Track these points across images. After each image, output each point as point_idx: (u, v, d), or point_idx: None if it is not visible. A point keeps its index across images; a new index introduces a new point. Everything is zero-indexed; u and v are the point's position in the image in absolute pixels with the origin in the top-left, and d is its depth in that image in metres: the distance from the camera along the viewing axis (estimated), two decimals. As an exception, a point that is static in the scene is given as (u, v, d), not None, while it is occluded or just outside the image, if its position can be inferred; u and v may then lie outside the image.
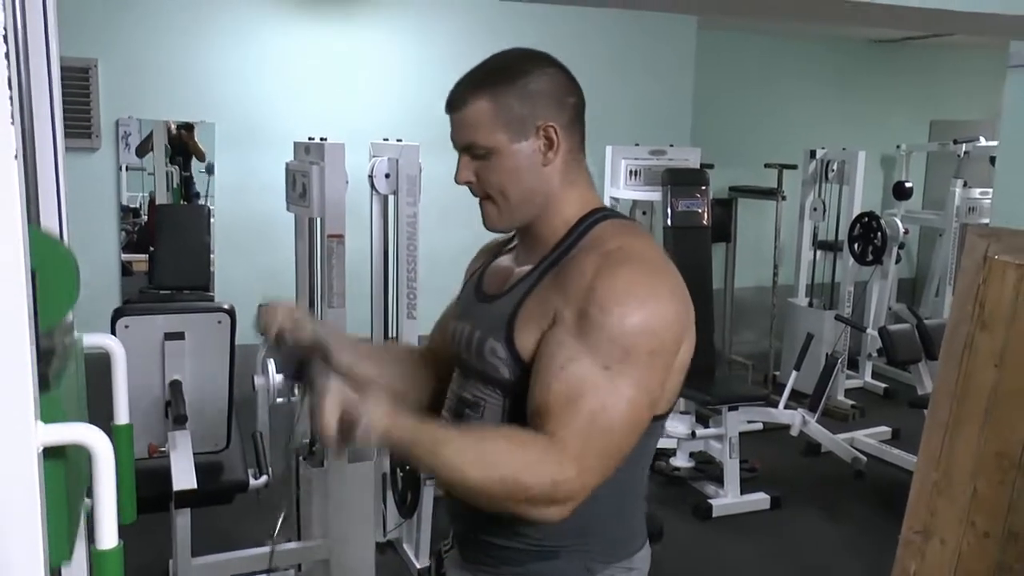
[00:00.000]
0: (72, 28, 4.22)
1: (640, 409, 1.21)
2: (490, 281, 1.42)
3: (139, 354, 2.49)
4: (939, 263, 6.18)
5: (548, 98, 1.30)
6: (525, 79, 1.29)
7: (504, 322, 1.29)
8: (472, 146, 1.30)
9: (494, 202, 1.32)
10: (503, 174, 1.30)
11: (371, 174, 3.38)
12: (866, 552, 3.75)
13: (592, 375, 1.18)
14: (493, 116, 1.28)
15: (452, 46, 4.93)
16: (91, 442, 0.97)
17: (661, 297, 1.22)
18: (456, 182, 1.35)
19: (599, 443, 1.17)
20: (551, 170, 1.31)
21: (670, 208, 4.39)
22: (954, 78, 7.33)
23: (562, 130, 1.30)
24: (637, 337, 1.19)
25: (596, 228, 1.32)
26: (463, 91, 1.31)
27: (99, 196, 4.39)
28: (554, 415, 1.17)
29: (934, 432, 2.73)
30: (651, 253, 1.29)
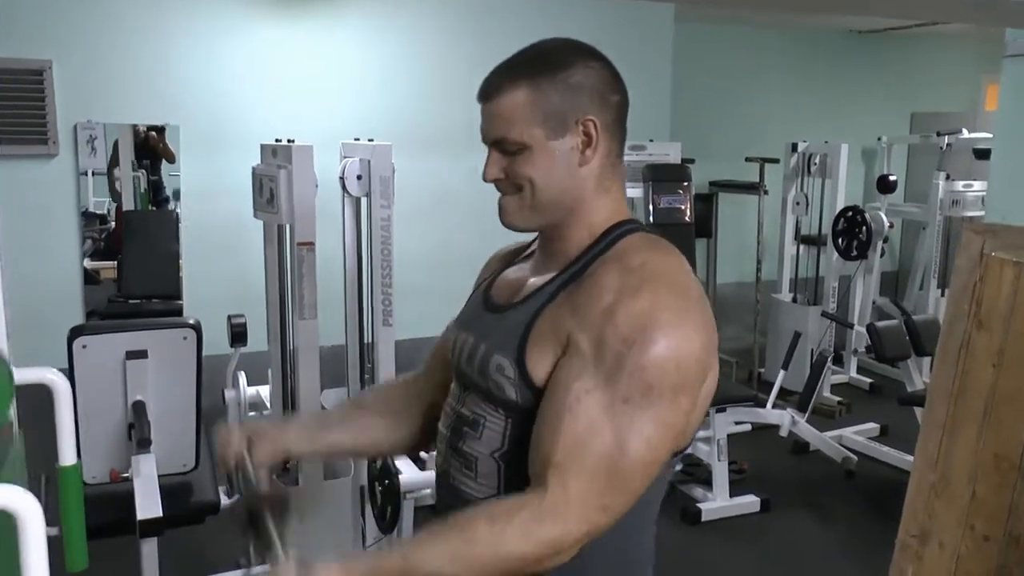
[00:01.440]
0: (24, 28, 4.07)
1: (660, 448, 1.10)
2: (500, 290, 1.29)
3: (99, 375, 2.35)
4: (923, 256, 6.12)
5: (591, 93, 1.18)
6: (568, 71, 1.17)
7: (516, 338, 1.17)
8: (504, 141, 1.18)
9: (520, 196, 1.19)
10: (536, 170, 1.17)
11: (342, 176, 3.24)
12: (858, 554, 3.66)
13: (609, 411, 1.07)
14: (531, 109, 1.15)
15: (422, 43, 4.82)
16: (17, 507, 0.84)
17: (687, 324, 1.10)
18: (484, 179, 1.21)
19: (610, 486, 1.07)
20: (587, 171, 1.19)
21: (652, 205, 4.29)
22: (935, 70, 7.31)
23: (603, 128, 1.18)
24: (661, 370, 1.07)
25: (622, 241, 1.20)
26: (499, 79, 1.18)
27: (58, 204, 4.23)
28: (558, 461, 1.07)
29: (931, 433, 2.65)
30: (677, 272, 1.16)
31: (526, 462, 1.13)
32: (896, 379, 5.21)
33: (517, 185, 1.19)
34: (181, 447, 2.57)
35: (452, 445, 1.26)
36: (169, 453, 2.51)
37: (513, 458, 1.17)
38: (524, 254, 1.35)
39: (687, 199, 4.34)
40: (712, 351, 1.14)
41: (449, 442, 1.27)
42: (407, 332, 3.40)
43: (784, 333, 5.50)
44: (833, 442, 4.59)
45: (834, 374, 5.69)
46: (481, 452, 1.21)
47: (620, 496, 1.09)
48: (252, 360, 3.55)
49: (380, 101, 4.70)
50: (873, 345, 4.42)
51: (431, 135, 4.70)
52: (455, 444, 1.25)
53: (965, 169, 5.94)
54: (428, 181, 4.68)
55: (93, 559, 1.99)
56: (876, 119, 7.01)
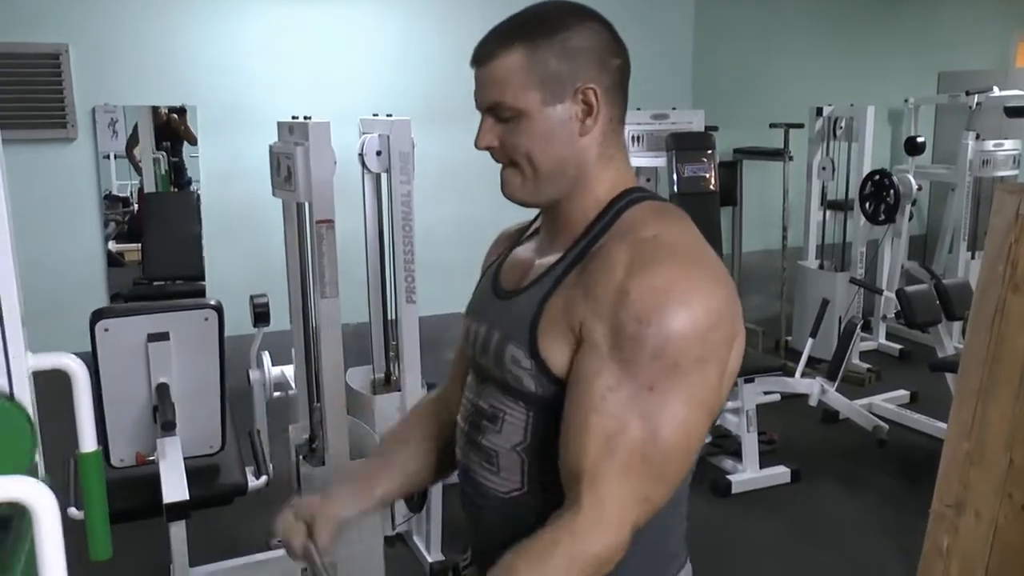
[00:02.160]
0: (40, 12, 4.05)
1: (697, 427, 1.04)
2: (508, 274, 1.24)
3: (122, 358, 2.35)
4: (952, 219, 6.01)
5: (590, 57, 1.11)
6: (566, 33, 1.10)
7: (526, 325, 1.11)
8: (498, 106, 1.11)
9: (520, 170, 1.14)
10: (532, 139, 1.11)
11: (361, 152, 3.21)
12: (892, 525, 3.62)
13: (635, 402, 1.01)
14: (526, 73, 1.09)
15: (439, 16, 4.76)
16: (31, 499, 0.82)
17: (704, 292, 1.04)
18: (476, 146, 1.15)
19: (647, 478, 1.02)
20: (588, 140, 1.13)
21: (676, 174, 4.22)
22: (962, 28, 7.15)
23: (603, 94, 1.11)
24: (683, 345, 1.01)
25: (629, 211, 1.13)
26: (493, 43, 1.12)
27: (79, 187, 4.23)
28: (589, 469, 1.02)
29: (965, 400, 2.59)
30: (690, 242, 1.10)
31: (549, 455, 1.09)
32: (926, 345, 5.14)
33: (513, 159, 1.14)
34: (206, 429, 2.56)
35: (471, 439, 1.21)
36: (195, 435, 2.51)
37: (536, 452, 1.13)
38: (529, 232, 1.30)
39: (711, 167, 4.27)
40: (735, 319, 1.08)
41: (468, 436, 1.22)
42: (430, 308, 3.38)
43: (811, 300, 5.42)
44: (863, 410, 4.53)
45: (863, 341, 5.62)
46: (502, 446, 1.16)
47: (660, 485, 1.04)
48: (276, 339, 3.53)
49: (398, 76, 4.66)
50: (903, 311, 4.34)
51: (450, 108, 4.64)
52: (474, 438, 1.21)
53: (995, 128, 5.81)
54: (448, 155, 4.64)
55: (122, 542, 1.99)
56: (902, 80, 6.87)
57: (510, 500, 1.17)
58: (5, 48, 3.87)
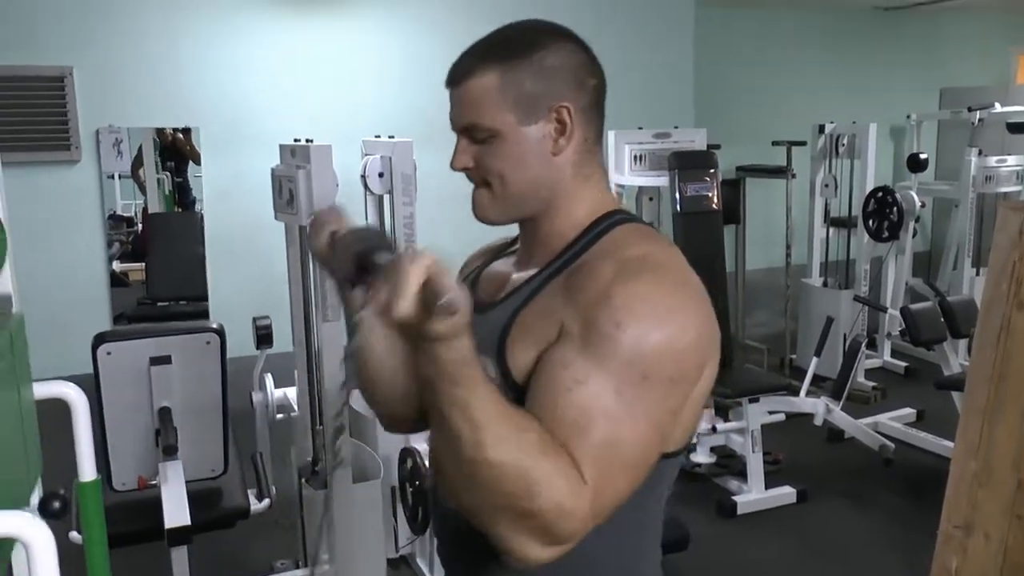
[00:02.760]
0: (44, 35, 4.07)
1: (650, 446, 1.01)
2: (484, 287, 1.23)
3: (124, 382, 2.35)
4: (955, 235, 5.99)
5: (565, 77, 1.11)
6: (541, 52, 1.10)
7: (496, 336, 1.09)
8: (473, 127, 1.11)
9: (491, 189, 1.13)
10: (506, 160, 1.11)
11: (364, 174, 3.21)
12: (899, 545, 3.59)
13: (603, 402, 0.97)
14: (500, 93, 1.09)
15: (441, 38, 4.77)
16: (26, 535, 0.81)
17: (686, 313, 1.03)
18: (452, 168, 1.15)
19: (611, 480, 0.98)
20: (562, 160, 1.12)
21: (678, 193, 4.21)
22: (962, 44, 7.16)
23: (577, 114, 1.11)
24: (657, 360, 0.99)
25: (612, 232, 1.12)
26: (467, 63, 1.12)
27: (82, 208, 4.24)
28: (563, 440, 0.96)
29: (971, 419, 2.57)
30: (676, 262, 1.08)
31: None
32: (931, 362, 5.11)
33: (486, 178, 1.13)
34: (209, 452, 2.56)
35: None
36: (197, 459, 2.50)
37: None
38: (510, 249, 1.28)
39: (714, 186, 4.26)
40: (712, 344, 1.06)
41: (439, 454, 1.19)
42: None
43: (815, 318, 5.40)
44: (869, 429, 4.51)
45: (868, 358, 5.60)
46: None
47: (610, 499, 0.99)
48: (279, 361, 3.52)
49: (400, 98, 4.67)
50: (908, 328, 4.33)
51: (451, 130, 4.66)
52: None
53: (998, 144, 5.81)
54: (450, 176, 4.60)
55: (124, 566, 1.99)
56: (904, 96, 6.87)
57: None
58: (10, 71, 3.89)
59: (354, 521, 2.75)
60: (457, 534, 1.17)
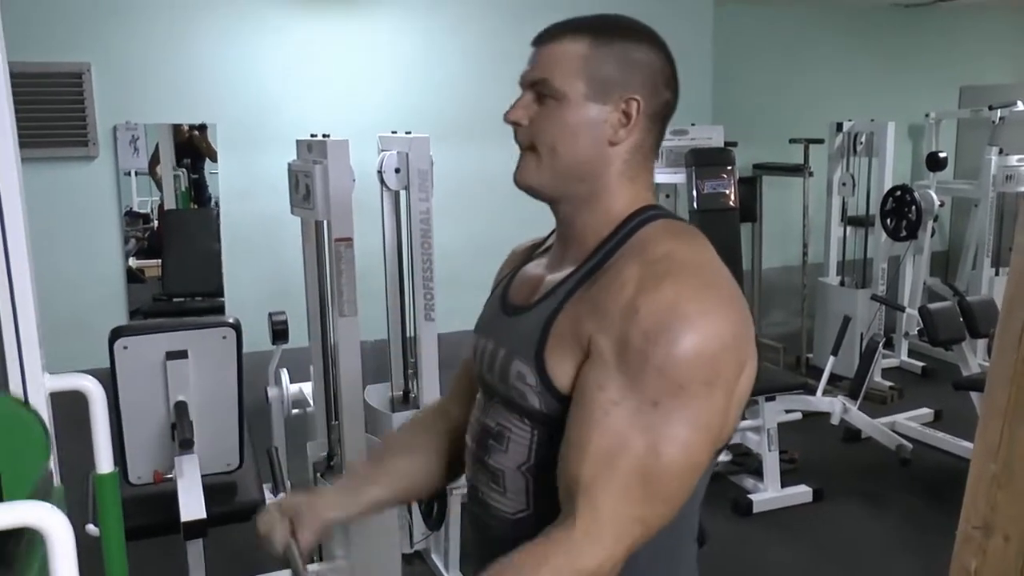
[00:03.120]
0: (63, 32, 4.09)
1: (698, 451, 1.01)
2: (518, 290, 1.22)
3: (140, 376, 2.34)
4: (975, 235, 5.94)
5: (646, 76, 1.11)
6: (634, 44, 1.11)
7: (533, 342, 1.09)
8: (543, 83, 1.10)
9: (538, 155, 1.12)
10: (562, 129, 1.10)
11: (380, 169, 3.21)
12: (916, 545, 3.57)
13: (637, 418, 0.98)
14: (582, 62, 1.09)
15: (457, 33, 4.76)
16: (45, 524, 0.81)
17: (716, 314, 1.01)
18: (505, 119, 1.14)
19: (645, 497, 0.99)
20: (614, 152, 1.11)
21: (695, 190, 4.20)
22: (983, 42, 7.09)
23: (643, 114, 1.11)
24: (691, 366, 0.98)
25: (643, 230, 1.11)
26: (563, 27, 1.13)
27: (99, 204, 4.26)
28: (587, 483, 0.99)
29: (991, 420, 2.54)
30: (704, 261, 1.07)
31: (553, 475, 1.06)
32: (949, 362, 5.07)
33: (537, 141, 1.12)
34: (224, 446, 2.56)
35: (478, 458, 1.20)
36: (213, 453, 2.50)
37: (541, 472, 1.10)
38: (541, 249, 1.28)
39: (731, 183, 4.24)
40: (747, 342, 1.05)
41: (475, 455, 1.21)
42: (449, 326, 3.37)
43: (832, 317, 5.38)
44: (886, 429, 4.48)
45: (885, 358, 5.55)
46: (507, 466, 1.15)
47: (657, 506, 1.01)
48: (294, 356, 3.53)
49: (417, 93, 4.66)
50: (926, 328, 4.29)
51: (468, 125, 4.65)
52: (481, 457, 1.19)
53: (1019, 143, 5.74)
54: (466, 172, 4.63)
55: (139, 559, 1.99)
56: (923, 95, 6.81)
57: (516, 521, 1.15)
58: (29, 67, 3.90)
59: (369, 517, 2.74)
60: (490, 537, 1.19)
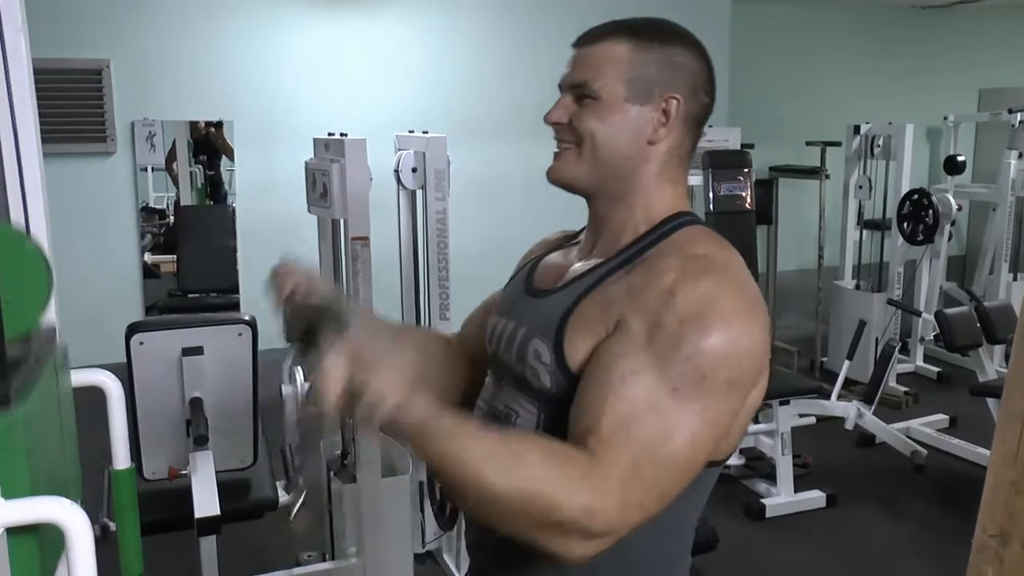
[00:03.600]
0: (82, 29, 4.11)
1: (702, 447, 1.00)
2: (543, 275, 1.23)
3: (156, 371, 2.36)
4: (993, 239, 5.90)
5: (687, 78, 1.13)
6: (676, 48, 1.13)
7: (555, 321, 1.09)
8: (584, 85, 1.11)
9: (579, 149, 1.12)
10: (604, 124, 1.11)
11: (397, 168, 3.21)
12: (930, 552, 3.54)
13: (657, 395, 0.98)
14: (624, 65, 1.10)
15: (475, 33, 4.76)
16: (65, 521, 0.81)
17: (748, 317, 1.02)
18: (546, 120, 1.15)
19: (651, 476, 0.97)
20: (653, 152, 1.13)
21: (711, 192, 4.18)
22: (1003, 44, 7.04)
23: (683, 114, 1.12)
24: (718, 360, 0.98)
25: (681, 232, 1.12)
26: (605, 29, 1.14)
27: (116, 200, 4.29)
28: (604, 435, 0.97)
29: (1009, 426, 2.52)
30: (737, 268, 1.08)
31: None
32: (964, 367, 5.04)
33: (577, 136, 1.12)
34: (239, 443, 2.57)
35: None
36: (227, 449, 2.51)
37: None
38: (573, 240, 1.28)
39: (747, 185, 4.22)
40: (766, 355, 1.06)
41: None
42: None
43: (847, 321, 5.35)
44: (900, 434, 4.45)
45: (900, 363, 5.52)
46: None
47: (653, 495, 0.98)
48: (309, 354, 3.53)
49: (435, 93, 4.67)
50: (942, 333, 4.26)
51: (486, 126, 4.65)
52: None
53: (1038, 147, 5.71)
54: (483, 171, 4.64)
55: (153, 554, 2.00)
56: (942, 97, 6.78)
57: None
58: (49, 64, 3.92)
59: (382, 515, 2.75)
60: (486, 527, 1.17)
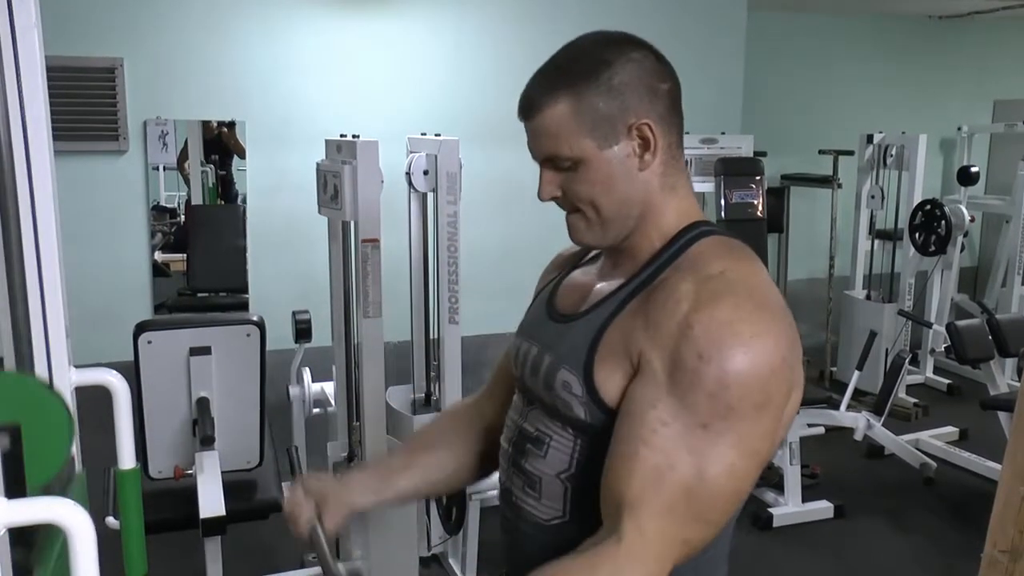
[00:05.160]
0: (96, 27, 4.12)
1: (746, 475, 1.00)
2: (565, 297, 1.21)
3: (163, 371, 2.36)
4: (1005, 251, 5.87)
5: (638, 91, 1.08)
6: (608, 71, 1.07)
7: (583, 352, 1.08)
8: (555, 158, 1.09)
9: (584, 215, 1.12)
10: (594, 185, 1.09)
11: (408, 171, 3.20)
12: (938, 566, 3.52)
13: (686, 439, 0.97)
14: (576, 121, 1.06)
15: (488, 35, 4.76)
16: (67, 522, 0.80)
17: (768, 336, 1.00)
18: (540, 199, 1.14)
19: (689, 519, 0.98)
20: (649, 174, 1.10)
21: (723, 199, 4.17)
22: (1019, 55, 7.00)
23: (657, 125, 1.09)
24: (742, 388, 0.97)
25: (696, 245, 1.10)
26: (536, 94, 1.09)
27: (127, 198, 4.29)
28: (633, 501, 0.97)
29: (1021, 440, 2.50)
30: (758, 280, 1.06)
31: (595, 485, 1.05)
32: (975, 380, 5.01)
33: (576, 205, 1.12)
34: (245, 444, 2.56)
35: (514, 462, 1.18)
36: (233, 450, 2.51)
37: (581, 481, 1.09)
38: (590, 256, 1.27)
39: (759, 193, 4.21)
40: (796, 366, 1.04)
41: (512, 459, 1.19)
42: (473, 328, 3.36)
43: (857, 331, 5.32)
44: (910, 446, 4.42)
45: (910, 374, 5.49)
46: (546, 472, 1.13)
47: (700, 528, 1.00)
48: (317, 356, 3.54)
49: (447, 96, 4.66)
50: (953, 345, 4.23)
51: (498, 129, 4.64)
52: (517, 461, 1.18)
53: (1053, 160, 5.67)
54: (494, 175, 4.63)
55: (158, 554, 1.99)
56: (956, 108, 6.75)
57: (550, 527, 1.14)
58: (62, 61, 3.94)
59: (387, 518, 2.74)
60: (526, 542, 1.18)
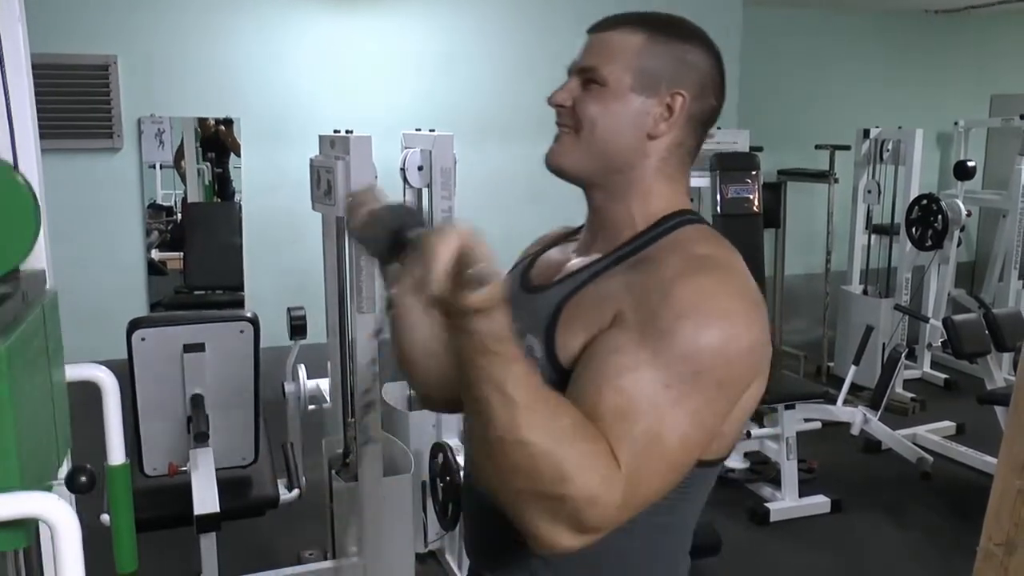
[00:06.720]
0: (90, 24, 4.11)
1: (692, 449, 0.97)
2: (540, 271, 1.21)
3: (157, 368, 2.36)
4: (1002, 246, 5.86)
5: (696, 77, 1.11)
6: (689, 46, 1.12)
7: (546, 316, 1.07)
8: (592, 70, 1.10)
9: (577, 135, 1.11)
10: (605, 107, 1.09)
11: (403, 167, 3.20)
12: (934, 560, 3.52)
13: (652, 394, 0.94)
14: (634, 54, 1.09)
15: (483, 31, 4.75)
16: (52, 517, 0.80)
17: (745, 319, 0.99)
18: (549, 102, 1.14)
19: (648, 474, 0.93)
20: (652, 146, 1.11)
21: (719, 195, 4.16)
22: (1015, 50, 6.99)
23: (687, 111, 1.10)
24: (711, 359, 0.95)
25: (681, 230, 1.10)
26: (622, 18, 1.13)
27: (123, 196, 4.28)
28: (608, 427, 0.92)
29: (1016, 435, 2.50)
30: (740, 270, 1.05)
31: None
32: (972, 375, 5.01)
33: (577, 121, 1.11)
34: (240, 441, 2.56)
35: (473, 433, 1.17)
36: (228, 447, 2.51)
37: None
38: (569, 239, 1.26)
39: (755, 188, 4.20)
40: (763, 359, 1.03)
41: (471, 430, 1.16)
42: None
43: (854, 326, 5.32)
44: (907, 441, 4.42)
45: (906, 369, 5.49)
46: None
47: (639, 495, 0.94)
48: (312, 352, 3.53)
49: (442, 91, 4.65)
50: (950, 340, 4.23)
51: (493, 125, 4.64)
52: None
53: (1050, 154, 5.67)
54: (491, 171, 4.62)
55: (152, 551, 1.99)
56: (953, 102, 6.74)
57: None
58: (56, 59, 3.93)
59: (383, 514, 2.74)
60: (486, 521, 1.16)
